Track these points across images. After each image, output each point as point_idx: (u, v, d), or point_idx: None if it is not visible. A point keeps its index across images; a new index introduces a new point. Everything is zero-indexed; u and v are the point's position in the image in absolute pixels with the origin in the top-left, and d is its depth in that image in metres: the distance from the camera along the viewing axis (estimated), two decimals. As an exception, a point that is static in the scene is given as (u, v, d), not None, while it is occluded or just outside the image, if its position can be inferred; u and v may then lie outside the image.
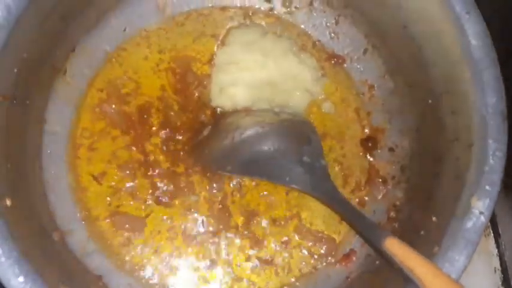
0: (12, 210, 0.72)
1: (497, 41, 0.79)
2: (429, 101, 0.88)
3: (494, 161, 0.72)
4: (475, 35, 0.78)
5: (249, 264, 0.91)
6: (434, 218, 0.78)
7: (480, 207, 0.71)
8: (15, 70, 0.78)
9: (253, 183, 0.95)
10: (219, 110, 0.98)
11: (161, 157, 0.95)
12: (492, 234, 1.04)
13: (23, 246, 0.68)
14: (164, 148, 0.95)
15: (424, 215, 0.81)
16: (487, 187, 0.72)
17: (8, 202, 0.71)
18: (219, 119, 0.97)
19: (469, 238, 0.70)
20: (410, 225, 0.86)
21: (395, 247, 0.70)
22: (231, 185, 0.94)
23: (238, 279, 0.91)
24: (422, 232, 0.80)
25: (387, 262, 0.76)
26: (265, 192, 0.95)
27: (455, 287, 0.64)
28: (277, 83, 0.99)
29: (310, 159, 0.89)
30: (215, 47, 1.01)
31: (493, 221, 1.04)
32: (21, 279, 0.65)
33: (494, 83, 0.76)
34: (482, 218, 0.71)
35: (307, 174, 0.87)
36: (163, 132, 0.96)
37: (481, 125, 0.75)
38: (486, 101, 0.75)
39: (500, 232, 1.04)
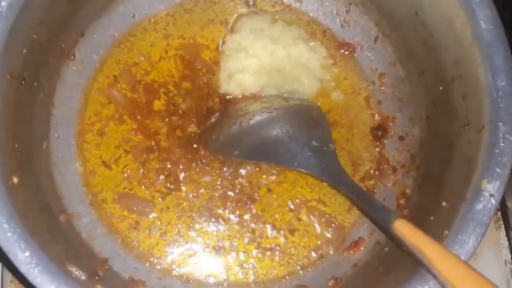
0: (19, 188, 0.72)
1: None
2: (440, 88, 0.88)
3: (505, 144, 0.72)
4: (485, 19, 0.78)
5: (257, 252, 0.91)
6: (444, 203, 0.77)
7: (490, 190, 0.70)
8: (24, 51, 0.79)
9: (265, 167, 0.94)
10: (227, 96, 0.97)
11: (169, 142, 0.94)
12: (503, 227, 1.03)
13: (29, 224, 0.69)
14: (172, 133, 0.95)
15: (434, 201, 0.80)
16: (498, 169, 0.71)
17: (15, 180, 0.72)
18: (228, 105, 0.96)
19: (478, 220, 0.70)
20: (419, 211, 0.86)
21: (404, 229, 0.70)
22: (242, 170, 0.93)
23: (245, 266, 0.90)
24: (431, 218, 0.79)
25: (397, 245, 0.75)
26: (273, 177, 0.94)
27: (463, 267, 0.63)
28: (286, 70, 0.98)
29: (318, 143, 0.89)
30: (224, 34, 1.01)
31: (504, 214, 1.03)
32: (27, 253, 0.65)
33: (504, 66, 0.75)
34: (492, 200, 0.70)
35: (316, 158, 0.87)
36: (171, 117, 0.96)
37: (492, 108, 0.74)
38: (496, 84, 0.75)
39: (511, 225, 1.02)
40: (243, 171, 0.94)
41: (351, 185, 0.84)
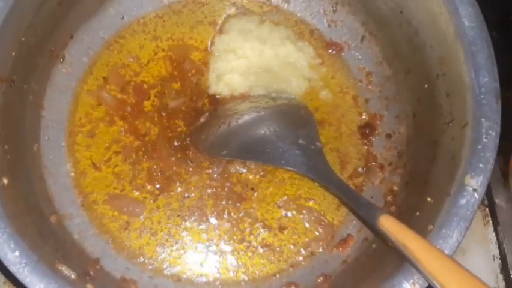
0: (8, 189, 0.73)
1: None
2: (426, 86, 0.89)
3: (488, 140, 0.73)
4: (468, 16, 0.79)
5: (247, 250, 0.91)
6: (429, 199, 0.78)
7: (473, 185, 0.71)
8: (13, 53, 0.79)
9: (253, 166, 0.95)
10: (216, 96, 0.98)
11: (159, 143, 0.95)
12: (491, 223, 1.04)
13: (19, 224, 0.69)
14: (162, 134, 0.96)
15: (420, 197, 0.81)
16: (481, 165, 0.72)
17: (5, 181, 0.73)
18: (217, 105, 0.97)
19: (462, 215, 0.71)
20: (406, 207, 0.87)
21: (389, 224, 0.71)
22: (232, 169, 0.95)
23: (235, 264, 0.91)
24: (417, 213, 0.80)
25: (383, 241, 0.76)
26: (261, 177, 0.95)
27: (447, 261, 0.64)
28: (274, 70, 0.99)
29: (306, 141, 0.90)
30: (212, 35, 1.02)
31: (492, 210, 1.04)
32: (16, 253, 0.66)
33: (486, 62, 0.77)
34: (476, 195, 0.71)
35: (303, 156, 0.88)
36: (161, 118, 0.97)
37: (475, 104, 0.75)
38: (479, 81, 0.76)
39: (499, 221, 1.03)
40: (232, 170, 0.95)
41: (337, 183, 0.85)
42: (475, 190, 0.71)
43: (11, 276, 0.67)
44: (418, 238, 0.67)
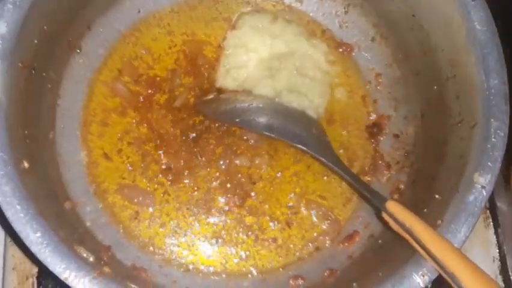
0: (29, 173, 0.74)
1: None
2: (435, 87, 0.91)
3: (496, 139, 0.75)
4: (479, 20, 0.82)
5: (255, 243, 0.93)
6: (437, 196, 0.80)
7: (482, 182, 0.74)
8: (36, 41, 0.81)
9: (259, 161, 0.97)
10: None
11: (169, 135, 0.97)
12: (492, 225, 1.06)
13: (39, 206, 0.71)
14: (173, 126, 0.98)
15: (427, 195, 0.84)
16: (489, 163, 0.74)
17: (26, 164, 0.74)
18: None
19: (470, 211, 0.73)
20: (413, 205, 0.87)
21: (395, 209, 0.75)
22: (239, 162, 0.96)
23: (243, 256, 0.93)
24: (425, 210, 0.82)
25: (390, 229, 0.78)
26: (270, 170, 0.97)
27: (449, 247, 0.67)
28: (288, 66, 1.00)
29: (317, 132, 0.94)
30: (226, 32, 1.04)
31: (493, 213, 1.06)
32: (38, 234, 0.67)
33: (497, 65, 0.79)
34: (484, 192, 0.73)
35: (315, 142, 0.93)
36: (172, 111, 0.98)
37: (484, 105, 0.78)
38: (489, 83, 0.78)
39: (500, 223, 1.06)
40: (239, 164, 0.96)
41: (346, 170, 0.90)
42: (483, 187, 0.74)
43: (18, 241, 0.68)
44: (423, 223, 0.71)
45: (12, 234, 0.70)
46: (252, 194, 0.95)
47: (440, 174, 0.84)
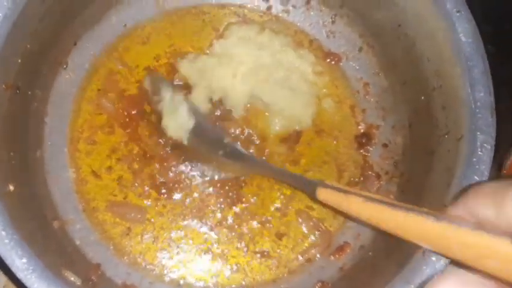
0: (14, 195, 0.74)
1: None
2: (422, 98, 0.91)
3: (483, 153, 0.75)
4: (465, 32, 0.81)
5: (246, 256, 0.93)
6: (425, 209, 0.80)
7: (469, 196, 0.73)
8: (19, 60, 0.81)
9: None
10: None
11: (160, 149, 0.96)
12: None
13: (25, 230, 0.71)
14: (162, 142, 0.97)
15: (417, 206, 0.83)
16: (476, 177, 0.74)
17: (11, 187, 0.74)
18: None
19: (457, 226, 0.72)
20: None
21: (327, 195, 0.73)
22: (231, 174, 0.96)
23: (235, 270, 0.93)
24: (413, 222, 0.82)
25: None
26: (261, 182, 0.97)
27: (387, 211, 0.64)
28: (274, 76, 1.00)
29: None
30: (213, 41, 1.04)
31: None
32: (24, 260, 0.67)
33: (482, 77, 0.79)
34: (471, 207, 0.73)
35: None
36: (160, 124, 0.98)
37: (470, 118, 0.78)
38: (475, 95, 0.78)
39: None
40: (231, 176, 0.96)
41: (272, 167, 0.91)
42: (470, 201, 0.73)
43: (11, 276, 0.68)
44: (356, 197, 0.67)
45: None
46: (244, 206, 0.95)
47: (428, 186, 0.84)
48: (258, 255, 0.93)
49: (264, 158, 0.98)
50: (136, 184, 0.95)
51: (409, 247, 0.76)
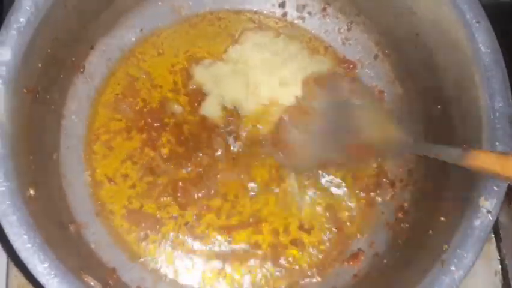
0: (34, 200, 0.74)
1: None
2: (438, 107, 0.91)
3: (502, 163, 0.75)
4: (484, 42, 0.81)
5: (259, 265, 0.93)
6: (442, 218, 0.81)
7: (488, 207, 0.74)
8: (40, 65, 0.81)
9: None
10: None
11: (177, 157, 0.96)
12: (494, 240, 1.07)
13: (46, 235, 0.70)
14: (180, 148, 0.97)
15: (432, 216, 0.84)
16: (495, 187, 0.75)
17: (32, 192, 0.74)
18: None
19: (477, 236, 0.73)
20: (418, 225, 0.89)
21: (476, 161, 0.69)
22: (249, 186, 0.96)
23: (248, 279, 0.92)
24: (430, 232, 0.82)
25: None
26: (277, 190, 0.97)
27: None
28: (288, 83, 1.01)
29: None
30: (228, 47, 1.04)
31: (496, 228, 1.06)
32: (46, 264, 0.67)
33: (501, 88, 0.79)
34: (489, 217, 0.74)
35: None
36: (178, 131, 0.98)
37: (489, 128, 0.78)
38: (494, 105, 0.78)
39: (502, 238, 1.06)
40: (247, 190, 0.96)
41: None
42: (489, 212, 0.74)
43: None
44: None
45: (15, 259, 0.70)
46: (260, 217, 0.95)
47: (444, 195, 0.85)
48: (272, 263, 0.93)
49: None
50: (152, 192, 0.94)
51: (428, 257, 0.76)
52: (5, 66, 0.73)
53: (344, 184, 0.98)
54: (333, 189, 0.98)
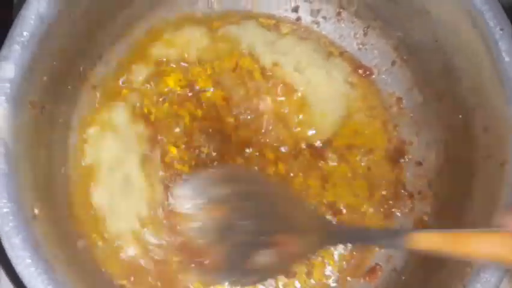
0: (40, 219, 0.72)
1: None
2: (459, 116, 0.87)
3: (528, 180, 0.71)
4: (508, 51, 0.77)
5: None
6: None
7: (514, 226, 0.69)
8: (45, 78, 0.78)
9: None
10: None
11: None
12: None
13: (50, 255, 0.69)
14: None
15: (454, 233, 0.80)
16: (521, 206, 0.70)
17: (36, 211, 0.72)
18: None
19: (502, 258, 0.69)
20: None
21: (420, 243, 0.61)
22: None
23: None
24: (451, 249, 0.78)
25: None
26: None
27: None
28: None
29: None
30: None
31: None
32: (49, 288, 0.65)
33: (527, 100, 0.75)
34: (516, 238, 0.69)
35: None
36: (190, 148, 0.95)
37: (512, 139, 0.74)
38: (517, 115, 0.74)
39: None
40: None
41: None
42: (515, 232, 0.70)
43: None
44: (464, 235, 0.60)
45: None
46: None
47: (466, 210, 0.81)
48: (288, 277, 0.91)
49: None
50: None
51: (449, 279, 0.73)
52: (8, 83, 0.71)
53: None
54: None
